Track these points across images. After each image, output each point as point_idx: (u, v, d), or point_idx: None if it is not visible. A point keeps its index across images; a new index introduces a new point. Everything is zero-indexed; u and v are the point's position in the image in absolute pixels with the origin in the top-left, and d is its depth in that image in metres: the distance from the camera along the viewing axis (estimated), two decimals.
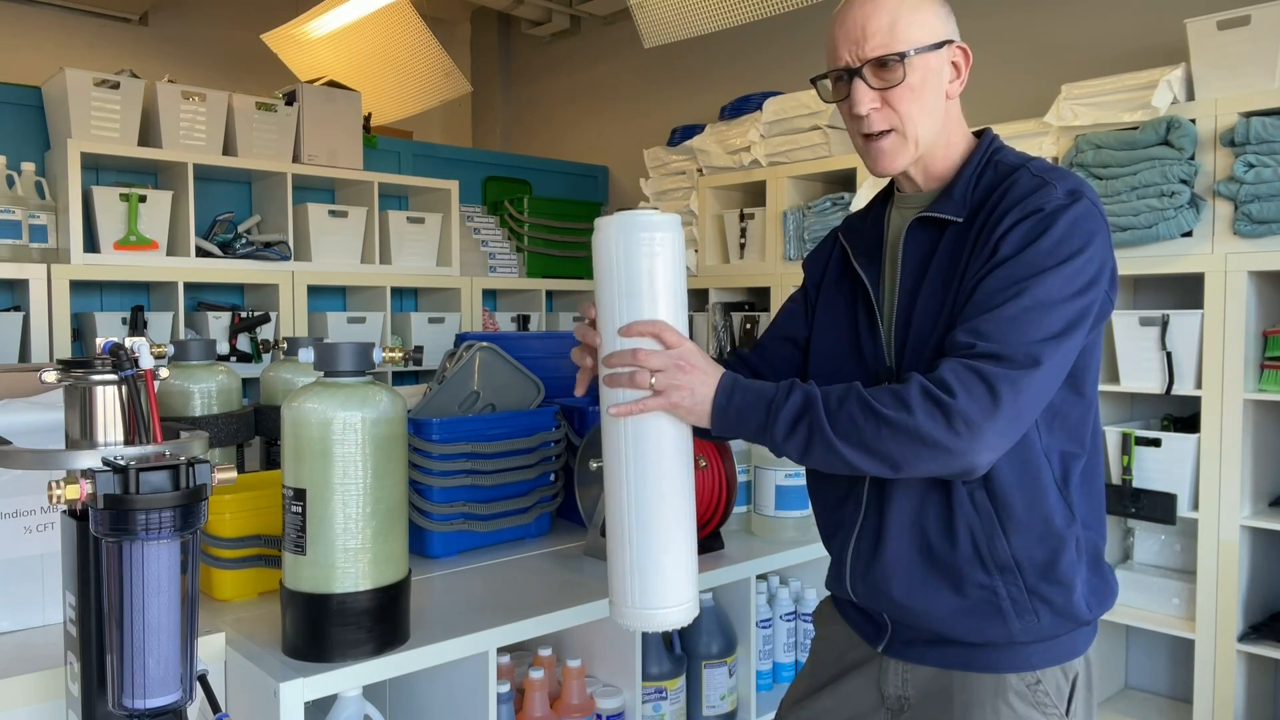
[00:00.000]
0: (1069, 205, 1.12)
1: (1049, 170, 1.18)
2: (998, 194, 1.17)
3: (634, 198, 4.82)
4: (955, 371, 1.06)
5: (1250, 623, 2.67)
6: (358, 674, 1.34)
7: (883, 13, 1.19)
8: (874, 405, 1.08)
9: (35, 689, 1.29)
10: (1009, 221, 1.12)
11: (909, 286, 1.22)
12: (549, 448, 2.01)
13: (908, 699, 1.25)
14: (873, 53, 1.18)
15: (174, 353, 2.04)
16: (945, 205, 1.20)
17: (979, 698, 1.18)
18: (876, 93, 1.19)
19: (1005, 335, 1.07)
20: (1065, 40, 3.42)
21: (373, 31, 4.42)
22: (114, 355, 1.19)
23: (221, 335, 3.42)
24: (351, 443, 1.32)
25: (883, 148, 1.21)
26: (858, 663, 1.31)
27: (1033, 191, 1.14)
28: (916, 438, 1.06)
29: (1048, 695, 1.17)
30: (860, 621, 1.32)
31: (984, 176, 1.21)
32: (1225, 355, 2.62)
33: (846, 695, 1.32)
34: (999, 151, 1.25)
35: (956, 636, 1.19)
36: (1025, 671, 1.17)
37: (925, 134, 1.21)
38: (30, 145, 3.31)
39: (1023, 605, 1.15)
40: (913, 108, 1.19)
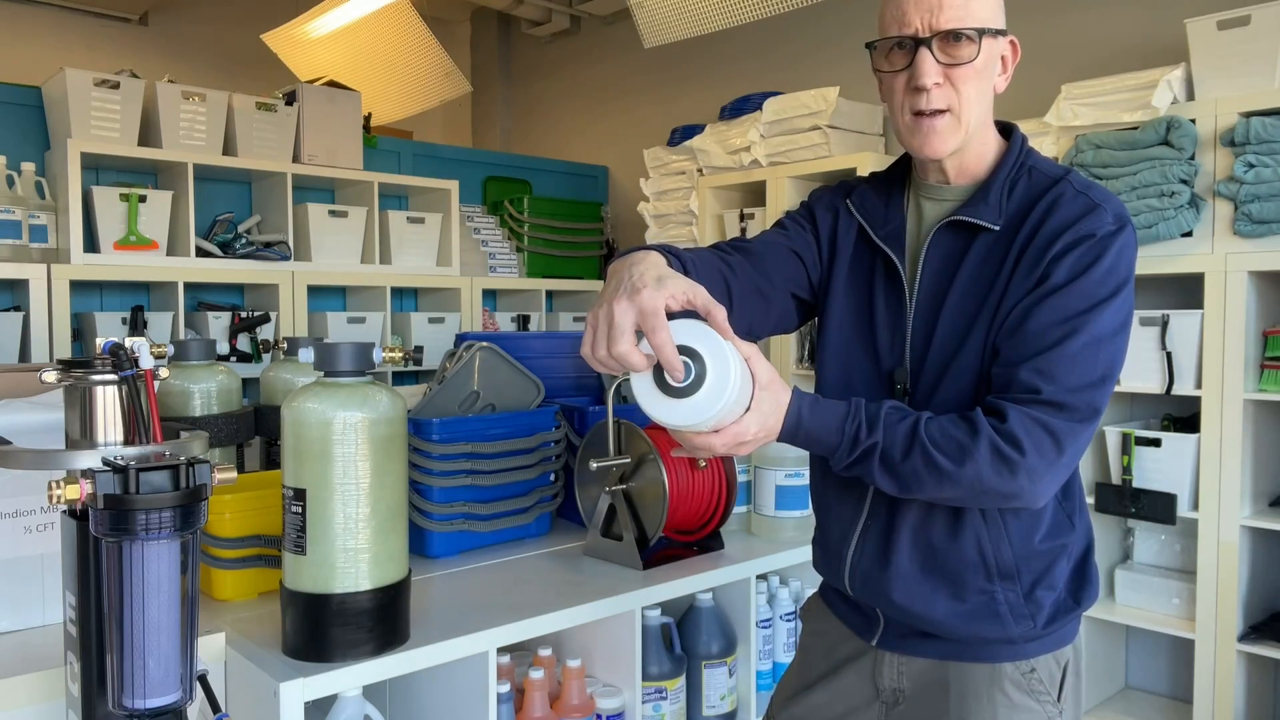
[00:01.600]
0: (1117, 233, 1.11)
1: (1091, 188, 1.15)
2: (1040, 209, 1.13)
3: (634, 198, 4.82)
4: (1025, 426, 1.06)
5: (1250, 623, 2.67)
6: (358, 674, 1.34)
7: None
8: (937, 460, 1.06)
9: (35, 689, 1.29)
10: (1061, 245, 1.10)
11: (932, 290, 1.19)
12: (549, 448, 2.01)
13: (903, 691, 1.25)
14: (947, 24, 1.12)
15: (174, 353, 2.04)
16: (981, 210, 1.16)
17: (975, 687, 1.19)
18: (942, 68, 1.14)
19: (1068, 379, 1.07)
20: (1065, 40, 3.42)
21: (373, 31, 4.42)
22: (114, 355, 1.19)
23: (221, 335, 3.42)
24: (351, 443, 1.32)
25: (936, 126, 1.16)
26: (850, 657, 1.31)
27: (1084, 215, 1.11)
28: (979, 488, 1.07)
29: (1041, 683, 1.19)
30: (851, 615, 1.32)
31: (1018, 183, 1.18)
32: (1225, 355, 2.62)
33: (840, 690, 1.31)
34: (1031, 156, 1.21)
35: (952, 636, 1.20)
36: (1020, 660, 1.19)
37: (975, 121, 1.17)
38: (30, 145, 3.31)
39: (1019, 610, 1.17)
40: (972, 89, 1.16)
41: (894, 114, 1.19)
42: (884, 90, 1.20)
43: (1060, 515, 1.19)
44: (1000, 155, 1.21)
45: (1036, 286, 1.11)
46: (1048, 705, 1.19)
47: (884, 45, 1.16)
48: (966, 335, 1.14)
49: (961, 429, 1.07)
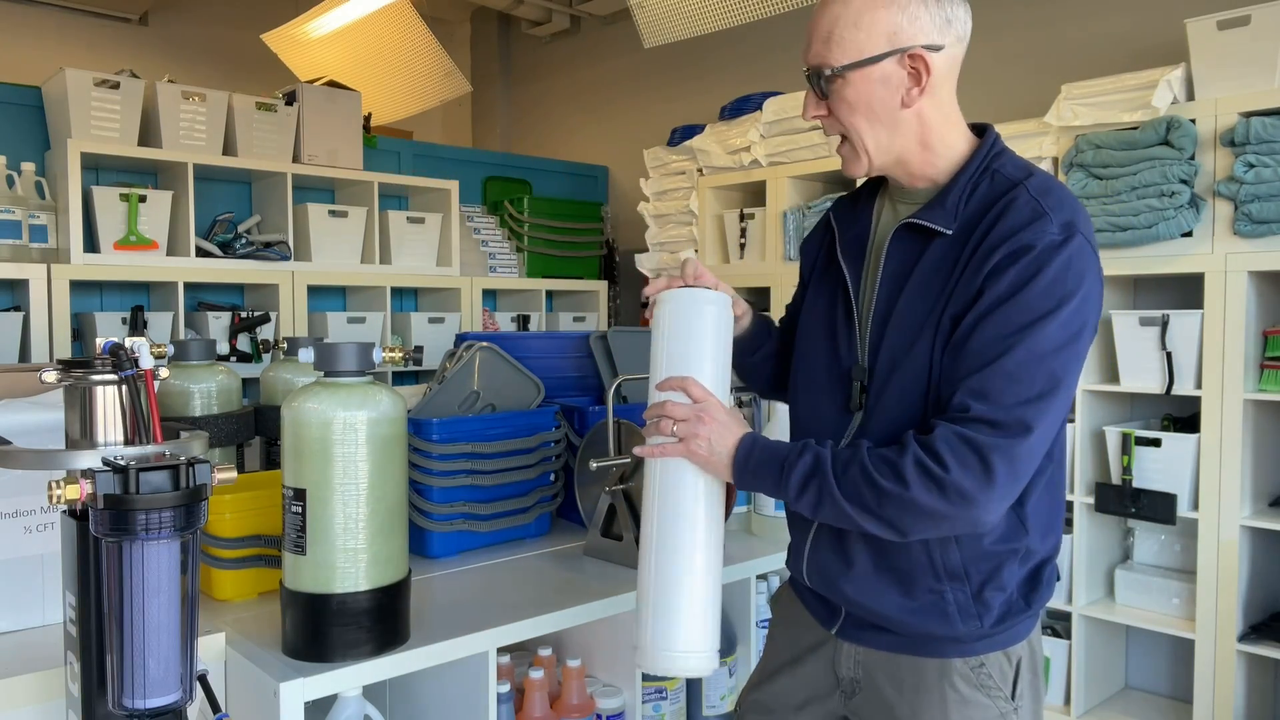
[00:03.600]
0: (1062, 244, 1.09)
1: (1047, 193, 1.14)
2: (993, 214, 1.13)
3: (634, 198, 4.82)
4: (949, 442, 1.07)
5: (1250, 623, 2.67)
6: (358, 674, 1.34)
7: (823, 22, 1.17)
8: (874, 476, 1.10)
9: (35, 689, 1.29)
10: (1001, 256, 1.10)
11: (888, 291, 1.21)
12: (549, 448, 2.01)
13: (859, 681, 1.28)
14: (810, 63, 1.18)
15: (174, 353, 2.04)
16: (935, 214, 1.17)
17: (926, 681, 1.21)
18: (822, 102, 1.20)
19: (999, 396, 1.07)
20: (1065, 40, 3.42)
21: (373, 31, 4.42)
22: (114, 355, 1.18)
23: (221, 335, 3.42)
24: (352, 443, 1.32)
25: (842, 154, 1.23)
26: (813, 645, 1.34)
27: (1029, 223, 1.10)
28: (914, 509, 1.08)
29: (991, 678, 1.21)
30: (816, 605, 1.35)
31: (980, 186, 1.17)
32: (1225, 355, 2.62)
33: (803, 677, 1.34)
34: (999, 158, 1.20)
35: (904, 632, 1.23)
36: (970, 656, 1.21)
37: (877, 146, 1.19)
38: (30, 145, 3.31)
39: (967, 610, 1.19)
40: (854, 119, 1.18)
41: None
42: None
43: (1014, 520, 1.19)
44: (965, 159, 1.20)
45: (978, 298, 1.11)
46: (1000, 701, 1.21)
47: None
48: (916, 336, 1.16)
49: (894, 449, 1.11)
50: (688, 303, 1.26)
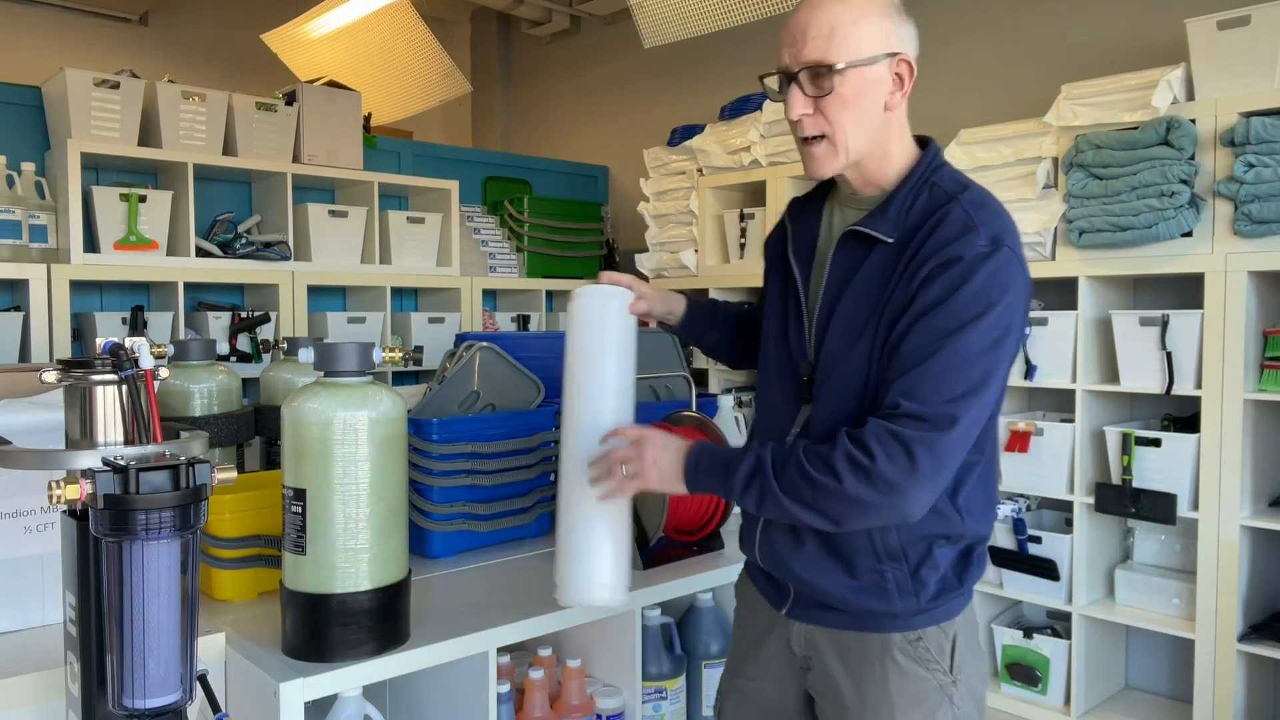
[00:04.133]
0: (989, 255, 1.17)
1: (980, 207, 1.21)
2: (929, 225, 1.20)
3: (634, 198, 4.82)
4: (877, 434, 1.15)
5: (1250, 623, 2.67)
6: (358, 674, 1.34)
7: (824, 19, 1.21)
8: (808, 470, 1.18)
9: (35, 689, 1.29)
10: (932, 265, 1.17)
11: (832, 294, 1.29)
12: (549, 448, 2.01)
13: (809, 657, 1.36)
14: (808, 59, 1.21)
15: (174, 353, 2.04)
16: (879, 223, 1.24)
17: (868, 655, 1.30)
18: (809, 99, 1.23)
19: (927, 394, 1.15)
20: (1065, 40, 3.42)
21: (373, 31, 4.42)
22: (114, 355, 1.19)
23: (221, 335, 3.42)
24: (352, 443, 1.32)
25: (814, 153, 1.26)
26: (769, 626, 1.42)
27: (959, 235, 1.18)
28: (845, 499, 1.17)
29: (929, 652, 1.29)
30: (767, 587, 1.42)
31: (920, 197, 1.24)
32: (1225, 355, 2.62)
33: (768, 658, 1.42)
34: (938, 171, 1.27)
35: (848, 610, 1.31)
36: (908, 631, 1.29)
37: (857, 143, 1.25)
38: (30, 145, 3.31)
39: (905, 587, 1.27)
40: (844, 117, 1.23)
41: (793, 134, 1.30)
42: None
43: (948, 509, 1.27)
44: (909, 168, 1.28)
45: (909, 306, 1.19)
46: (938, 674, 1.29)
47: (770, 79, 1.28)
48: (856, 338, 1.24)
49: (827, 445, 1.19)
50: (586, 297, 1.41)
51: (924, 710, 1.27)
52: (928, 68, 4.14)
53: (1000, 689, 3.11)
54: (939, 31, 3.79)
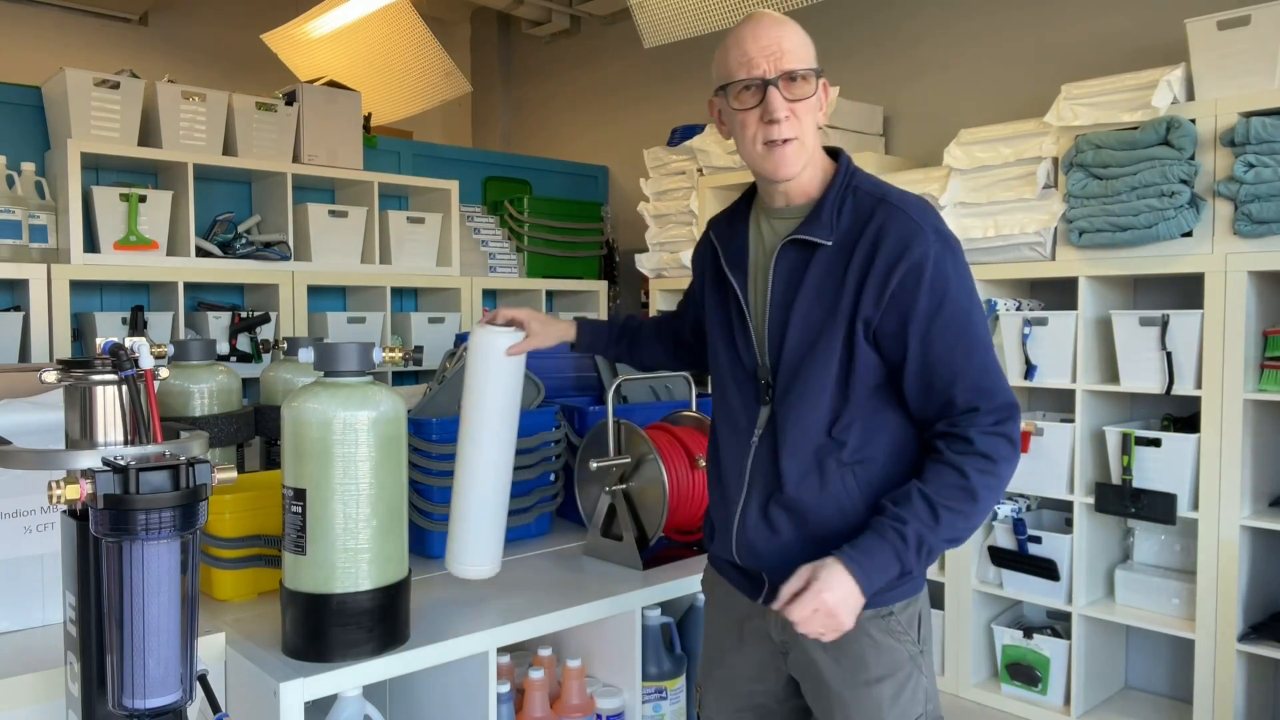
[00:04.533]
0: (945, 246, 1.31)
1: (906, 203, 1.34)
2: (872, 231, 1.32)
3: (634, 198, 4.82)
4: (992, 442, 1.29)
5: (1250, 623, 2.67)
6: (358, 674, 1.34)
7: (793, 34, 1.35)
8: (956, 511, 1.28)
9: (35, 689, 1.29)
10: (903, 273, 1.28)
11: (782, 299, 1.37)
12: (549, 448, 2.01)
13: (788, 642, 1.43)
14: (790, 65, 1.32)
15: (174, 353, 2.04)
16: (815, 229, 1.35)
17: (847, 632, 1.33)
18: (789, 103, 1.33)
19: (992, 390, 1.30)
20: (1065, 40, 3.42)
21: (373, 31, 4.42)
22: (114, 355, 1.19)
23: (221, 335, 3.42)
24: (352, 443, 1.32)
25: (787, 153, 1.34)
26: (746, 617, 1.48)
27: (912, 237, 1.30)
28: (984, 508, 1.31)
29: (900, 624, 1.39)
30: (739, 579, 1.49)
31: (846, 201, 1.36)
32: (1225, 355, 2.62)
33: (748, 648, 1.49)
34: (855, 176, 1.40)
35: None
36: (880, 608, 1.37)
37: (812, 147, 1.37)
38: (30, 145, 3.31)
39: None
40: (810, 120, 1.36)
41: (745, 147, 1.38)
42: (733, 127, 1.39)
43: (899, 475, 1.36)
44: (830, 177, 1.40)
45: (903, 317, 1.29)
46: (909, 645, 1.39)
47: (735, 88, 1.35)
48: (817, 338, 1.34)
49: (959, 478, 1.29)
50: (477, 336, 1.66)
51: (898, 679, 1.38)
52: (928, 68, 4.16)
53: (1000, 689, 3.11)
54: (939, 32, 3.79)
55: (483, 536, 1.62)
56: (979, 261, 3.11)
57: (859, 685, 1.37)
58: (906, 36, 3.89)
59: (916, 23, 3.86)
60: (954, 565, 3.19)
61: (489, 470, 1.64)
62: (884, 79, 3.95)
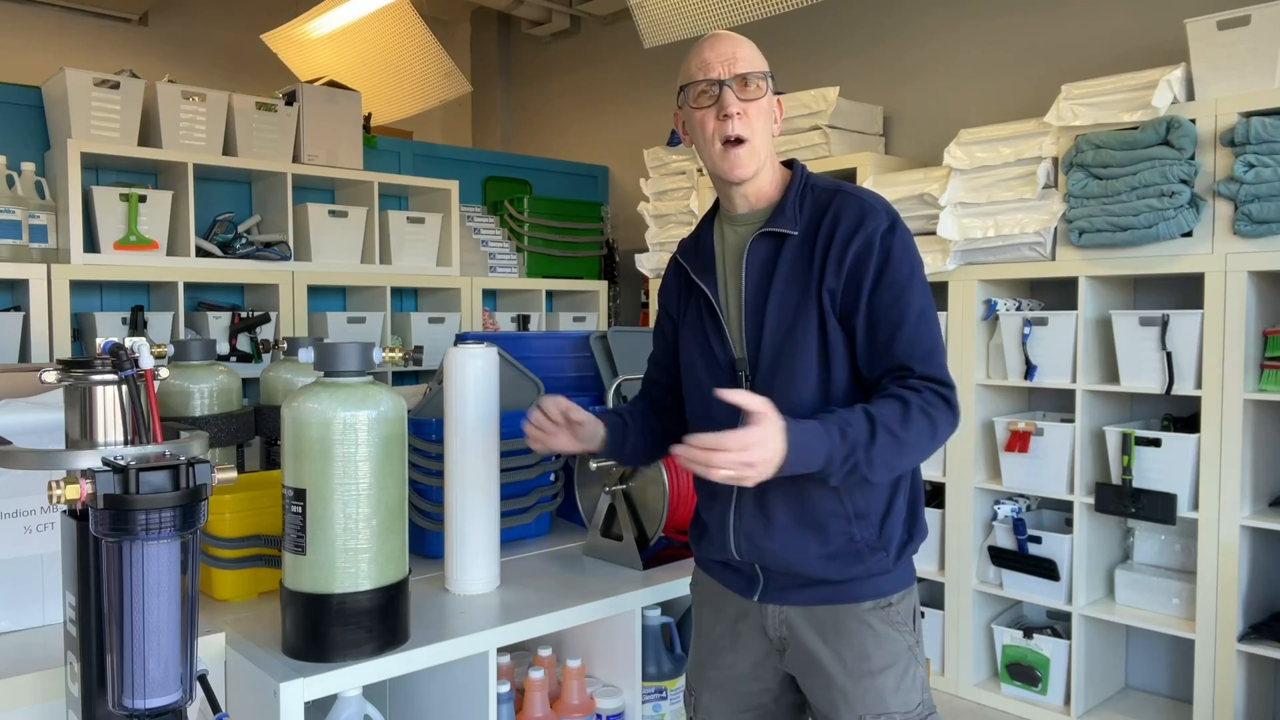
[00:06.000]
0: (894, 224, 1.39)
1: (859, 191, 1.44)
2: (831, 215, 1.40)
3: (634, 198, 4.82)
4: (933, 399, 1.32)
5: (1250, 623, 2.67)
6: (358, 674, 1.34)
7: (748, 47, 1.46)
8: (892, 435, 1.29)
9: (35, 689, 1.29)
10: (857, 248, 1.37)
11: (756, 289, 1.44)
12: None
13: (785, 639, 1.44)
14: (742, 69, 1.42)
15: (174, 353, 2.04)
16: (781, 221, 1.43)
17: (845, 625, 1.40)
18: (741, 102, 1.42)
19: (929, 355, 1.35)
20: (1065, 40, 3.42)
21: (373, 31, 4.43)
22: (114, 355, 1.19)
23: (221, 335, 3.42)
24: (352, 443, 1.32)
25: (740, 154, 1.42)
26: (740, 615, 1.49)
27: (863, 218, 1.38)
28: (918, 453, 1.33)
29: (899, 615, 1.42)
30: (732, 578, 1.50)
31: (806, 199, 1.45)
32: (1225, 355, 2.62)
33: (743, 647, 1.49)
34: (811, 177, 1.49)
35: (823, 577, 1.40)
36: (879, 598, 1.41)
37: (763, 152, 1.44)
38: (30, 145, 3.31)
39: (874, 544, 1.39)
40: (760, 124, 1.43)
41: (705, 147, 1.45)
42: (693, 130, 1.46)
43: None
44: (787, 181, 1.49)
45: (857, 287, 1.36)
46: (906, 635, 1.42)
47: (693, 90, 1.44)
48: (794, 321, 1.39)
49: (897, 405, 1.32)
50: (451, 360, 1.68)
51: (898, 669, 1.40)
52: (928, 68, 4.16)
53: (1000, 689, 3.11)
54: (939, 32, 3.79)
55: (478, 556, 1.66)
56: (979, 261, 3.11)
57: (862, 676, 1.39)
58: (906, 36, 3.89)
59: (916, 23, 3.86)
60: (954, 565, 3.19)
61: (474, 490, 1.66)
62: (884, 79, 3.95)
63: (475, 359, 1.67)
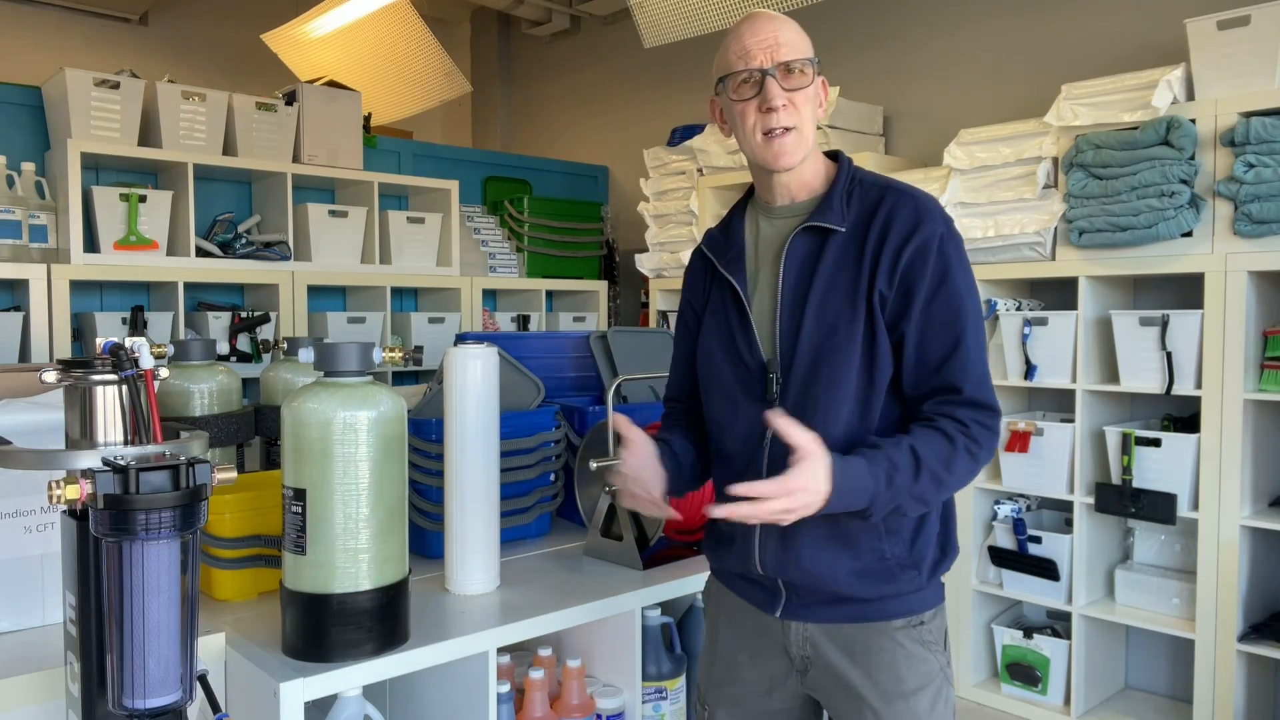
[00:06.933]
0: (951, 229, 1.33)
1: (914, 191, 1.36)
2: (883, 213, 1.33)
3: (634, 198, 4.82)
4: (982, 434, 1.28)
5: (1250, 623, 2.67)
6: (358, 674, 1.34)
7: (790, 28, 1.37)
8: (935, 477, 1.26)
9: (35, 689, 1.29)
10: (915, 249, 1.29)
11: (794, 289, 1.35)
12: (549, 448, 2.01)
13: (809, 658, 1.38)
14: (786, 57, 1.33)
15: (174, 353, 2.04)
16: (828, 216, 1.35)
17: (875, 644, 1.34)
18: (786, 93, 1.33)
19: (981, 381, 1.30)
20: (1065, 40, 3.42)
21: (373, 31, 4.42)
22: (114, 355, 1.19)
23: (221, 335, 3.42)
24: (351, 443, 1.32)
25: (785, 143, 1.34)
26: (760, 631, 1.42)
27: (920, 218, 1.31)
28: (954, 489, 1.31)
29: (931, 634, 1.36)
30: (754, 592, 1.42)
31: (853, 193, 1.37)
32: (1225, 355, 2.62)
33: (762, 664, 1.42)
34: (857, 170, 1.41)
35: (853, 594, 1.33)
36: (911, 615, 1.35)
37: (809, 141, 1.37)
38: (30, 145, 3.31)
39: (904, 562, 1.33)
40: (808, 111, 1.35)
41: (745, 138, 1.37)
42: (733, 121, 1.38)
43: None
44: (832, 173, 1.41)
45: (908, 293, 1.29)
46: (938, 654, 1.37)
47: (733, 80, 1.35)
48: (836, 323, 1.31)
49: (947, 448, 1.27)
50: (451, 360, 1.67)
51: (931, 691, 1.34)
52: (928, 68, 4.15)
53: (1000, 689, 3.11)
54: (939, 32, 3.79)
55: (478, 556, 1.67)
56: (979, 261, 3.11)
57: (895, 699, 1.32)
58: (906, 36, 3.89)
59: (916, 23, 3.86)
60: (954, 565, 3.19)
61: (474, 490, 1.67)
62: (884, 79, 3.95)
63: (475, 359, 1.66)
